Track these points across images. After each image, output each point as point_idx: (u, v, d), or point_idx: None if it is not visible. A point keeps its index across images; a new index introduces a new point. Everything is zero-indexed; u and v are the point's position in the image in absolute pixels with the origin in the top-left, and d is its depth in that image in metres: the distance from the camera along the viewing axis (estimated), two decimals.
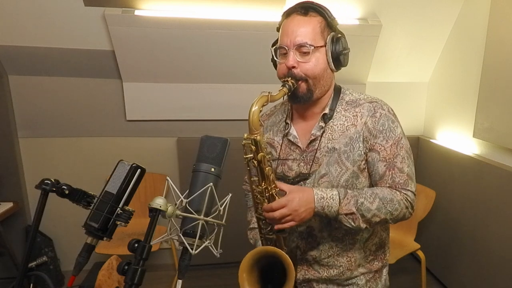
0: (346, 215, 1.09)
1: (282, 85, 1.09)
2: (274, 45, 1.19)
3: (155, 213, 0.76)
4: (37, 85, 2.54)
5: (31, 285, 0.97)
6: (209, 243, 0.85)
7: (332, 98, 1.20)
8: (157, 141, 2.77)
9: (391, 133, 1.14)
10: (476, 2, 2.36)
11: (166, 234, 0.84)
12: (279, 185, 1.10)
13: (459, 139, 2.56)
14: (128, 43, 2.34)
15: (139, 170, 0.89)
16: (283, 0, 2.24)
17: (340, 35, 1.14)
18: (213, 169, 0.85)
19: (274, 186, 1.10)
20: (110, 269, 1.37)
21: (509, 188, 2.04)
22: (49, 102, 2.59)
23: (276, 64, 1.18)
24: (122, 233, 2.38)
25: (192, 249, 0.81)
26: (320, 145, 1.18)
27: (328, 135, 1.17)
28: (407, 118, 2.89)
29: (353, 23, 2.43)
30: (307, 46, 1.09)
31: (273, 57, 1.18)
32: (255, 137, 1.05)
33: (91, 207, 0.88)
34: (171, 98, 2.64)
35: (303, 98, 1.14)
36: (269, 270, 1.12)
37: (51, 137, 2.68)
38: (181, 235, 0.83)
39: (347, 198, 1.09)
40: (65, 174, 2.61)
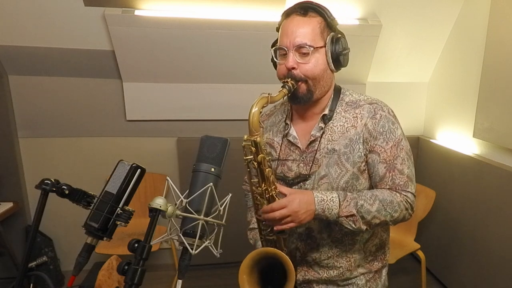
0: (346, 217, 1.09)
1: (282, 86, 1.09)
2: (273, 45, 1.19)
3: (155, 213, 0.76)
4: (37, 85, 2.54)
5: (31, 285, 0.97)
6: (209, 243, 0.85)
7: (332, 99, 1.19)
8: (157, 141, 2.77)
9: (391, 134, 1.14)
10: (476, 2, 2.36)
11: (166, 234, 0.84)
12: (279, 188, 1.10)
13: (459, 139, 2.56)
14: (128, 43, 2.34)
15: (139, 170, 0.89)
16: (283, 0, 2.24)
17: (340, 35, 1.13)
18: (213, 169, 0.85)
19: (274, 187, 1.09)
20: (110, 269, 1.37)
21: (509, 188, 2.04)
22: (49, 102, 2.59)
23: (276, 64, 1.18)
24: (122, 233, 2.38)
25: (192, 249, 0.81)
26: (319, 146, 1.17)
27: (328, 136, 1.17)
28: (407, 118, 2.89)
29: (353, 23, 2.43)
30: (307, 47, 1.08)
31: (272, 57, 1.18)
32: (255, 139, 1.05)
33: (91, 207, 0.88)
34: (171, 98, 2.64)
35: (303, 99, 1.13)
36: (269, 271, 1.11)
37: (51, 137, 2.68)
38: (181, 235, 0.83)
39: (347, 200, 1.09)
40: (65, 174, 2.61)
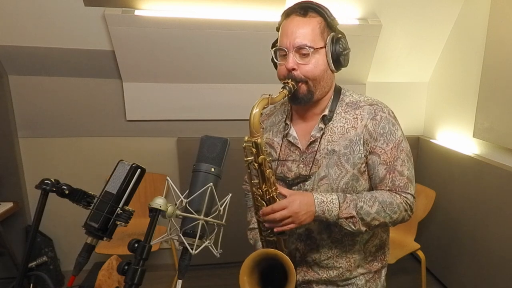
0: (346, 218, 1.09)
1: (282, 87, 1.09)
2: (274, 45, 1.19)
3: (155, 213, 0.76)
4: (37, 85, 2.54)
5: (31, 285, 0.97)
6: (209, 243, 0.85)
7: (332, 99, 1.19)
8: (157, 141, 2.77)
9: (391, 136, 1.14)
10: (476, 2, 2.36)
11: (166, 234, 0.84)
12: (279, 190, 1.10)
13: (459, 139, 2.56)
14: (128, 43, 2.34)
15: (139, 170, 0.89)
16: (283, 0, 2.24)
17: (340, 36, 1.13)
18: (213, 169, 0.85)
19: (274, 188, 1.09)
20: (110, 269, 1.37)
21: (509, 188, 2.04)
22: (49, 102, 2.59)
23: (276, 65, 1.18)
24: (122, 233, 2.38)
25: (192, 249, 0.81)
26: (319, 146, 1.17)
27: (327, 137, 1.17)
28: (407, 118, 2.89)
29: (353, 23, 2.43)
30: (307, 48, 1.08)
31: (273, 58, 1.18)
32: (256, 140, 1.05)
33: (91, 207, 0.88)
34: (171, 98, 2.64)
35: (303, 99, 1.13)
36: (270, 272, 1.11)
37: (51, 137, 2.68)
38: (181, 235, 0.83)
39: (347, 202, 1.09)
40: (65, 174, 2.61)
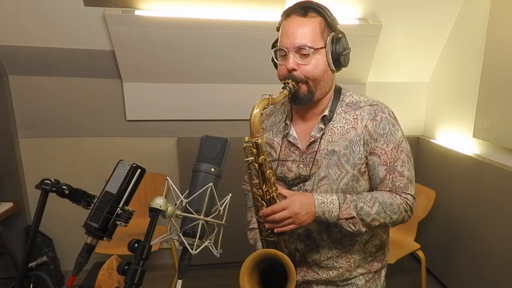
0: (346, 219, 1.09)
1: (282, 87, 1.09)
2: (274, 45, 1.18)
3: (155, 213, 0.76)
4: (37, 85, 2.54)
5: (31, 285, 0.97)
6: (209, 243, 0.85)
7: (332, 99, 1.19)
8: (157, 141, 2.77)
9: (391, 136, 1.14)
10: (476, 2, 2.36)
11: (166, 234, 0.84)
12: (280, 190, 1.10)
13: (459, 139, 2.56)
14: (128, 43, 2.34)
15: (139, 170, 0.89)
16: (283, 0, 2.24)
17: (340, 35, 1.13)
18: (213, 169, 0.85)
19: (275, 189, 1.09)
20: (110, 269, 1.37)
21: (509, 188, 2.04)
22: (49, 102, 2.59)
23: (276, 65, 1.18)
24: (122, 233, 2.38)
25: (192, 249, 0.81)
26: (319, 147, 1.17)
27: (328, 137, 1.17)
28: (407, 118, 2.89)
29: (353, 23, 2.43)
30: (307, 48, 1.08)
31: (273, 58, 1.18)
32: (256, 140, 1.05)
33: (91, 207, 0.88)
34: (171, 98, 2.64)
35: (304, 99, 1.13)
36: (270, 272, 1.11)
37: (51, 137, 2.68)
38: (181, 235, 0.83)
39: (347, 202, 1.09)
40: (65, 174, 2.61)
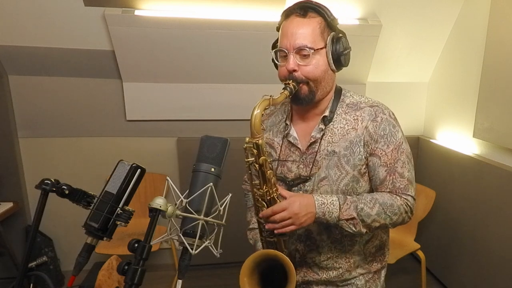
0: (347, 220, 1.09)
1: (283, 88, 1.09)
2: (274, 45, 1.18)
3: (155, 213, 0.76)
4: (37, 85, 2.54)
5: (31, 285, 0.97)
6: (209, 243, 0.85)
7: (332, 100, 1.19)
8: (157, 141, 2.77)
9: (392, 138, 1.14)
10: (476, 2, 2.36)
11: (166, 234, 0.84)
12: (280, 191, 1.10)
13: (459, 139, 2.56)
14: (128, 43, 2.34)
15: (139, 170, 0.89)
16: (283, 0, 2.24)
17: (340, 35, 1.13)
18: (213, 169, 0.85)
19: (275, 189, 1.09)
20: (110, 269, 1.36)
21: (509, 188, 2.04)
22: (49, 102, 2.59)
23: (277, 65, 1.18)
24: (122, 233, 2.38)
25: (192, 249, 0.81)
26: (319, 147, 1.17)
27: (328, 138, 1.17)
28: (407, 118, 2.89)
29: (353, 23, 2.43)
30: (307, 49, 1.07)
31: (273, 59, 1.18)
32: (257, 141, 1.05)
33: (91, 207, 0.88)
34: (171, 98, 2.64)
35: (305, 100, 1.13)
36: (270, 273, 1.11)
37: (51, 137, 2.67)
38: (181, 235, 0.83)
39: (347, 203, 1.09)
40: (65, 174, 2.61)
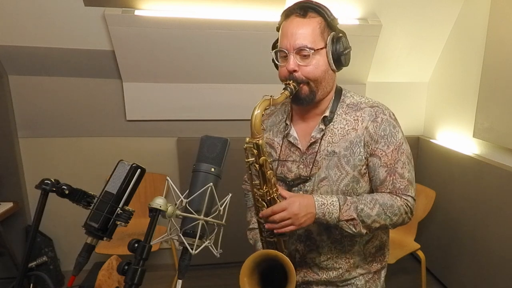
0: (347, 221, 1.09)
1: (283, 88, 1.09)
2: (274, 46, 1.19)
3: (155, 213, 0.76)
4: (37, 85, 2.54)
5: (31, 285, 0.97)
6: (209, 243, 0.85)
7: (333, 100, 1.19)
8: (157, 141, 2.77)
9: (392, 138, 1.14)
10: (476, 2, 2.36)
11: (166, 234, 0.84)
12: (280, 191, 1.10)
13: (459, 139, 2.56)
14: (128, 43, 2.34)
15: (139, 170, 0.89)
16: (283, 0, 2.24)
17: (341, 35, 1.13)
18: (213, 169, 0.85)
19: (275, 189, 1.09)
20: (110, 269, 1.36)
21: (509, 188, 2.04)
22: (49, 102, 2.59)
23: (277, 65, 1.18)
24: (122, 233, 2.38)
25: (192, 249, 0.81)
26: (320, 148, 1.17)
27: (328, 138, 1.17)
28: (407, 118, 2.89)
29: (353, 23, 2.43)
30: (307, 49, 1.07)
31: (273, 59, 1.18)
32: (257, 141, 1.05)
33: (91, 207, 0.88)
34: (171, 98, 2.64)
35: (306, 100, 1.13)
36: (270, 273, 1.11)
37: (51, 137, 2.67)
38: (181, 235, 0.83)
39: (347, 204, 1.09)
40: (65, 174, 2.61)
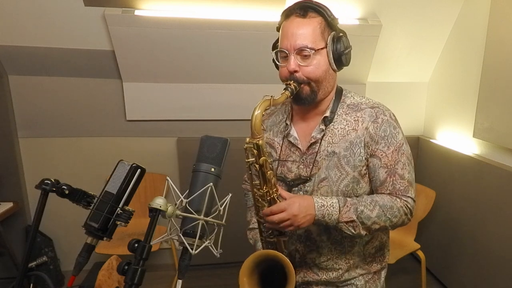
0: (346, 223, 1.09)
1: (284, 89, 1.08)
2: (274, 45, 1.18)
3: (155, 213, 0.76)
4: (37, 85, 2.54)
5: (31, 285, 0.97)
6: (209, 243, 0.85)
7: (333, 100, 1.19)
8: (157, 141, 2.77)
9: (392, 139, 1.14)
10: (476, 2, 2.36)
11: (166, 234, 0.84)
12: (280, 192, 1.10)
13: (459, 139, 2.56)
14: (128, 43, 2.34)
15: (139, 170, 0.89)
16: (283, 0, 2.24)
17: (341, 34, 1.12)
18: (213, 169, 0.85)
19: (275, 190, 1.09)
20: (110, 269, 1.36)
21: (509, 188, 2.04)
22: (49, 102, 2.59)
23: (278, 65, 1.17)
24: (122, 233, 2.38)
25: (192, 249, 0.81)
26: (320, 148, 1.17)
27: (328, 139, 1.17)
28: (407, 118, 2.89)
29: (353, 23, 2.43)
30: (308, 49, 1.07)
31: (274, 59, 1.18)
32: (257, 142, 1.05)
33: (91, 207, 0.88)
34: (171, 98, 2.64)
35: (307, 100, 1.13)
36: (269, 273, 1.11)
37: (51, 137, 2.67)
38: (181, 235, 0.83)
39: (347, 206, 1.09)
40: (65, 174, 2.61)
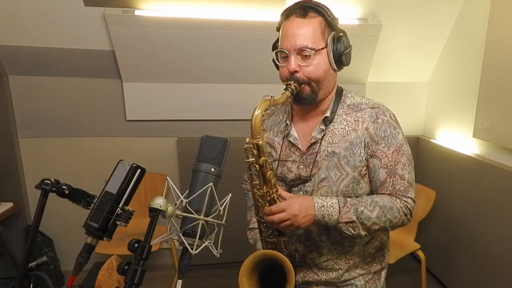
0: (346, 223, 1.09)
1: (284, 89, 1.08)
2: (274, 45, 1.18)
3: (155, 213, 0.76)
4: (37, 85, 2.54)
5: (31, 285, 0.97)
6: (209, 243, 0.85)
7: (333, 100, 1.19)
8: (157, 141, 2.77)
9: (392, 139, 1.14)
10: (476, 2, 2.36)
11: (166, 234, 0.84)
12: (280, 192, 1.10)
13: (459, 139, 2.56)
14: (128, 43, 2.34)
15: (139, 170, 0.89)
16: (283, 0, 2.24)
17: (341, 34, 1.12)
18: (213, 169, 0.85)
19: (275, 190, 1.09)
20: (110, 269, 1.37)
21: (509, 188, 2.04)
22: (49, 102, 2.59)
23: (278, 65, 1.17)
24: (122, 233, 2.38)
25: (192, 249, 0.81)
26: (320, 148, 1.17)
27: (328, 139, 1.17)
28: (407, 118, 2.89)
29: (353, 23, 2.43)
30: (308, 50, 1.07)
31: (274, 59, 1.18)
32: (257, 142, 1.05)
33: (91, 207, 0.88)
34: (171, 98, 2.64)
35: (307, 100, 1.13)
36: (269, 273, 1.11)
37: (51, 137, 2.67)
38: (181, 235, 0.83)
39: (347, 206, 1.09)
40: (65, 174, 2.61)
